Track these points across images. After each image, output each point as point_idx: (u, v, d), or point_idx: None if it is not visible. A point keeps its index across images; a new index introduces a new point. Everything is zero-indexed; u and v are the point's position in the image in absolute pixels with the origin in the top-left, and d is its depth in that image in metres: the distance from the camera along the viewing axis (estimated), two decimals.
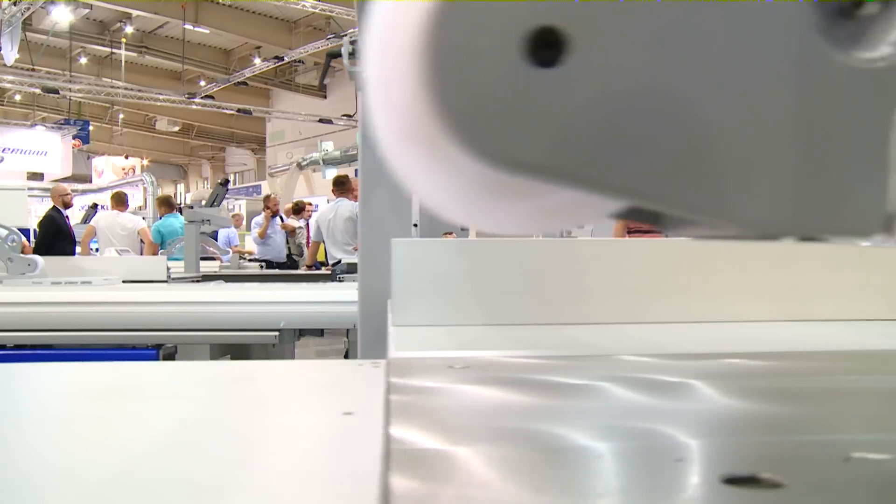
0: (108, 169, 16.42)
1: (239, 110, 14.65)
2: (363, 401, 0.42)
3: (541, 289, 0.83)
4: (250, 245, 7.86)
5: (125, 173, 15.96)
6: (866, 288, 0.88)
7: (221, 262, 6.12)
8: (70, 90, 14.17)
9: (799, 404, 0.41)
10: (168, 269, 2.98)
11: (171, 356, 2.35)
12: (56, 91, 13.47)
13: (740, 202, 0.19)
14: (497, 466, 0.28)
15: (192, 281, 3.58)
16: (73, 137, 14.57)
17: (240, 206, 14.33)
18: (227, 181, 6.07)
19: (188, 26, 12.93)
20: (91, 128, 15.58)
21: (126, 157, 16.93)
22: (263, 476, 0.27)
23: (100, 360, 1.93)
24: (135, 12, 13.06)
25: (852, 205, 0.19)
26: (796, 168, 0.19)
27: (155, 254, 5.79)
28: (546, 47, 0.18)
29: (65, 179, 13.56)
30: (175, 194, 18.39)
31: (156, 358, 2.28)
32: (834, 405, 0.41)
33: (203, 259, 6.42)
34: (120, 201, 5.99)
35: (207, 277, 3.69)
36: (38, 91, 14.01)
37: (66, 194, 5.70)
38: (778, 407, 0.40)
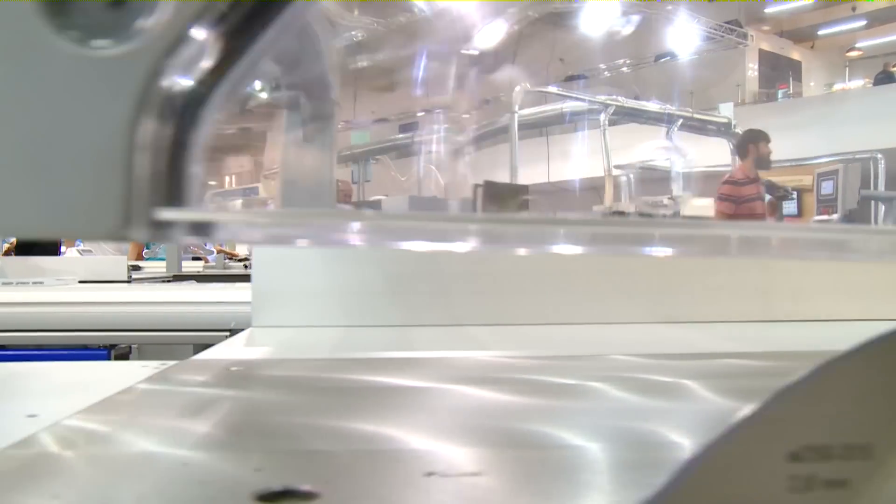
0: None
1: None
2: (75, 404, 0.41)
3: (402, 291, 0.81)
4: (239, 246, 7.84)
5: None
6: (743, 289, 0.86)
7: (207, 261, 6.12)
8: None
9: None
10: (129, 269, 2.97)
11: (124, 356, 2.34)
12: None
13: None
14: (92, 469, 0.26)
15: (163, 281, 3.57)
16: None
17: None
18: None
19: None
20: None
21: None
22: None
23: (48, 361, 1.92)
24: None
25: (89, 206, 0.18)
26: (23, 168, 0.17)
27: (140, 253, 5.80)
28: None
29: None
30: None
31: (107, 358, 2.28)
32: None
33: (195, 259, 6.41)
34: None
35: (179, 277, 3.68)
36: None
37: None
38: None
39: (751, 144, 3.95)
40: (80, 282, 2.52)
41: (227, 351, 0.62)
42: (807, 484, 0.18)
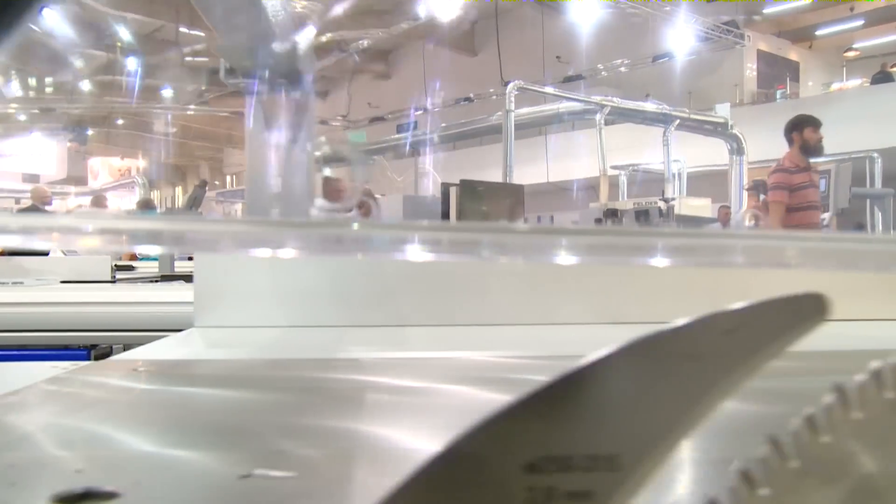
0: (104, 170, 16.42)
1: (233, 113, 14.68)
2: None
3: (345, 292, 0.81)
4: None
5: (121, 174, 15.95)
6: (692, 288, 0.85)
7: None
8: (69, 108, 14.22)
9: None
10: (114, 269, 2.96)
11: (104, 356, 2.33)
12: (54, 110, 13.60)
13: None
14: None
15: (151, 281, 3.57)
16: (71, 141, 14.63)
17: (236, 210, 14.32)
18: (206, 183, 6.13)
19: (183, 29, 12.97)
20: (89, 132, 15.60)
21: (122, 158, 16.94)
22: None
23: (27, 361, 1.91)
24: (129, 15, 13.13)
25: None
26: None
27: (133, 255, 5.81)
28: None
29: (61, 181, 13.60)
30: (173, 196, 18.44)
31: (86, 358, 2.27)
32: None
33: (191, 259, 6.39)
34: (99, 204, 6.09)
35: (168, 277, 3.67)
36: (36, 111, 14.10)
37: (46, 196, 5.81)
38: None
39: (794, 133, 3.78)
40: (63, 282, 2.52)
41: (151, 351, 0.62)
42: (547, 495, 0.17)
